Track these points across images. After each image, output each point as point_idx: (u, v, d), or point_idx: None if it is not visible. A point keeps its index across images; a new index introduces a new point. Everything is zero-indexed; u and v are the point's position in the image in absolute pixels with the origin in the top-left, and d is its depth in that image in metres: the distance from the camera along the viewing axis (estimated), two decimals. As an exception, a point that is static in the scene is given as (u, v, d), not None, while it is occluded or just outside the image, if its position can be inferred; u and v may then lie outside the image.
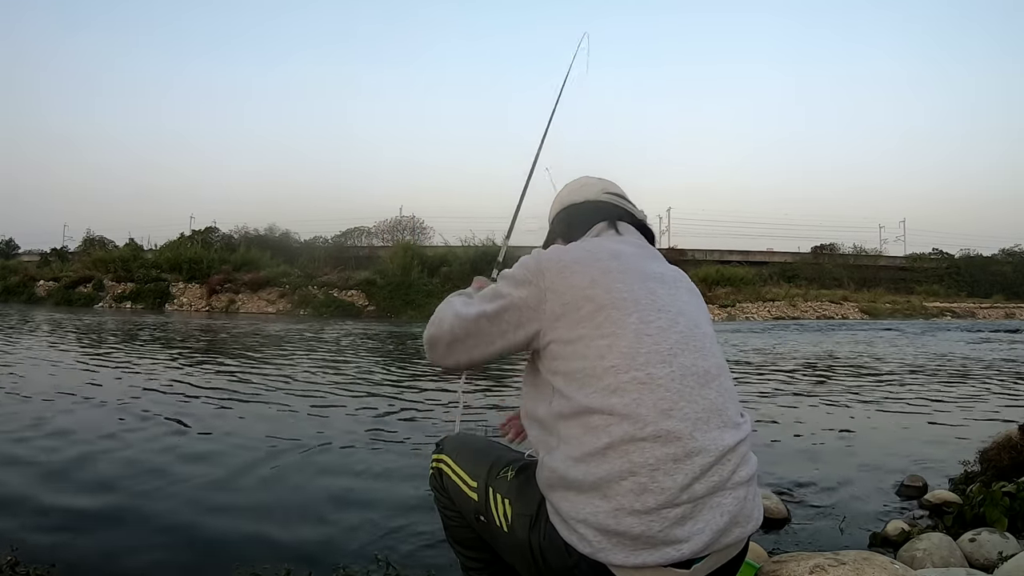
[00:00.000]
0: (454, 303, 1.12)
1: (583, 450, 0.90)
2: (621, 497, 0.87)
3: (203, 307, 21.33)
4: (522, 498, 1.05)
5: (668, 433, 0.88)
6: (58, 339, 8.87)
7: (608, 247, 1.08)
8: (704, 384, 0.94)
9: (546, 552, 0.97)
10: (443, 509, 1.23)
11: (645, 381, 0.91)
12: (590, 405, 0.91)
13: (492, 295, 1.05)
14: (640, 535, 0.86)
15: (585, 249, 1.06)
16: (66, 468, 2.67)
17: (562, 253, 1.05)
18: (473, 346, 1.05)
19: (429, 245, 26.96)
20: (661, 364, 0.92)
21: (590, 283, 0.98)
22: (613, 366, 0.92)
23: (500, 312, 1.02)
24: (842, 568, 0.92)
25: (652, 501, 0.86)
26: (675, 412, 0.89)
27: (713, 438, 0.91)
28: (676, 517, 0.86)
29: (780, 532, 2.18)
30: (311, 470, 2.79)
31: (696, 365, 0.95)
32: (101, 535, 1.99)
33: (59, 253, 31.16)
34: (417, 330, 12.78)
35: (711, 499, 0.88)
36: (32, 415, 3.66)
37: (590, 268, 1.00)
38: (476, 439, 1.27)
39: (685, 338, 0.97)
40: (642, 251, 1.12)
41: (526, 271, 1.03)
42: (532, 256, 1.05)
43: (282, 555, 1.85)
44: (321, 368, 6.42)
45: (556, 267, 1.01)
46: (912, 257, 34.42)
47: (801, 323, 18.85)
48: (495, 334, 1.03)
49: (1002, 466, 2.51)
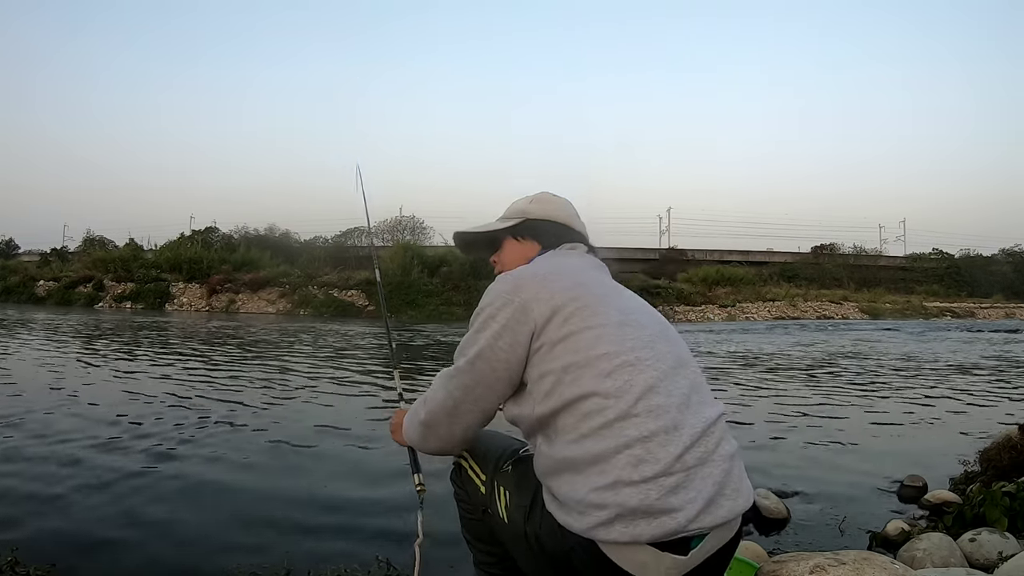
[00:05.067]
0: (433, 385, 1.14)
1: (579, 433, 0.94)
2: (619, 470, 0.90)
3: (203, 307, 21.32)
4: (519, 489, 1.08)
5: (658, 407, 0.94)
6: (57, 339, 8.87)
7: (575, 262, 1.17)
8: (680, 367, 1.02)
9: (542, 539, 1.00)
10: (460, 503, 1.26)
11: (634, 363, 0.97)
12: (584, 391, 0.95)
13: (475, 336, 1.06)
14: (638, 506, 0.88)
15: (554, 264, 1.13)
16: (66, 467, 2.67)
17: (536, 268, 1.11)
18: (484, 393, 1.06)
19: (429, 245, 26.94)
20: (644, 349, 1.00)
21: (572, 285, 1.05)
22: (605, 353, 0.97)
23: (493, 342, 1.03)
24: (842, 568, 0.92)
25: (649, 471, 0.89)
26: (661, 389, 0.96)
27: (695, 412, 0.97)
28: (671, 485, 0.89)
29: (780, 532, 2.18)
30: (312, 469, 2.79)
31: (671, 353, 1.03)
32: (101, 535, 1.99)
33: (59, 253, 31.16)
34: (417, 330, 12.77)
35: (700, 469, 0.93)
36: (26, 414, 3.66)
37: (566, 276, 1.08)
38: (492, 433, 1.28)
39: (660, 329, 1.07)
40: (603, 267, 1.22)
41: (501, 294, 1.05)
42: (502, 279, 1.09)
43: (282, 555, 1.84)
44: (323, 367, 6.43)
45: (533, 280, 1.06)
46: (912, 257, 34.43)
47: (801, 323, 18.84)
48: (499, 369, 1.03)
49: (1002, 466, 2.51)
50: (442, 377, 1.11)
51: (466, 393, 1.06)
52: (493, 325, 1.04)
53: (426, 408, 1.12)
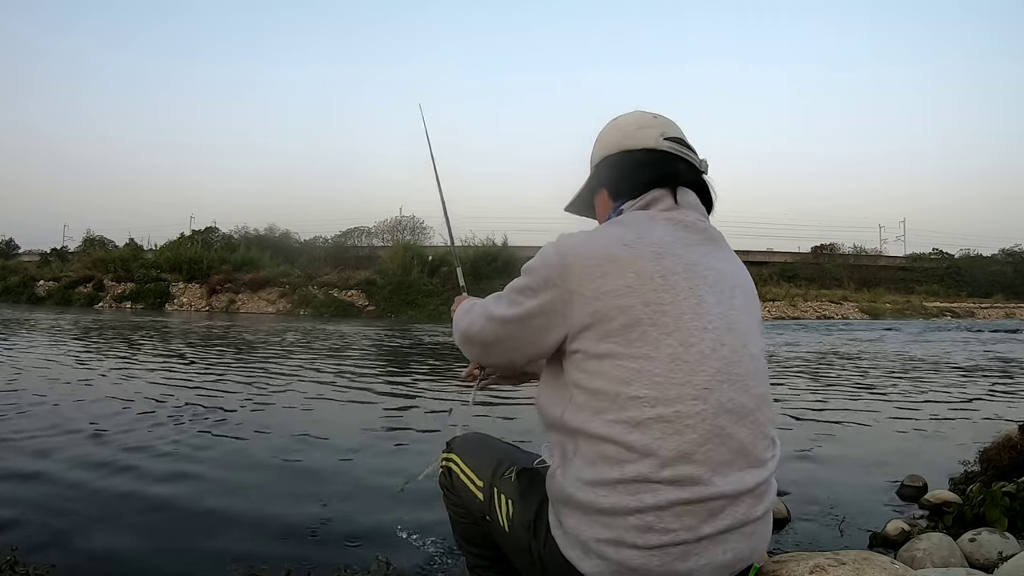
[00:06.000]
0: (485, 302, 1.06)
1: (593, 476, 0.85)
2: (624, 531, 0.83)
3: (203, 307, 21.32)
4: (523, 502, 1.04)
5: (686, 478, 0.82)
6: (54, 338, 8.87)
7: (654, 236, 0.90)
8: (737, 421, 0.85)
9: (546, 561, 0.97)
10: (451, 507, 1.23)
11: (671, 419, 0.82)
12: (607, 435, 0.83)
13: (515, 296, 0.95)
14: (639, 567, 0.83)
15: (623, 242, 0.88)
16: (65, 468, 2.67)
17: (593, 245, 0.89)
18: (511, 349, 1.00)
19: (429, 245, 26.94)
20: (693, 400, 0.83)
21: (625, 289, 0.85)
22: (640, 397, 0.82)
23: (526, 318, 0.93)
24: (842, 568, 0.92)
25: (655, 540, 0.82)
26: (698, 456, 0.82)
27: (733, 481, 0.84)
28: (678, 553, 0.83)
29: (780, 532, 2.18)
30: (311, 469, 2.79)
31: (733, 400, 0.85)
32: (101, 535, 1.99)
33: (59, 253, 31.18)
34: (417, 330, 12.78)
35: (718, 537, 0.84)
36: (25, 414, 3.66)
37: (626, 270, 0.85)
38: (485, 439, 1.27)
39: (728, 365, 0.86)
40: (696, 236, 0.95)
41: (548, 269, 0.90)
42: (553, 248, 0.91)
43: (282, 555, 1.84)
44: (323, 367, 6.43)
45: (583, 265, 0.87)
46: (912, 257, 34.46)
47: (801, 323, 18.84)
48: (526, 340, 0.95)
49: (1002, 466, 2.51)
50: (485, 308, 1.01)
51: (497, 340, 1.00)
52: (531, 300, 0.91)
53: (467, 324, 1.06)
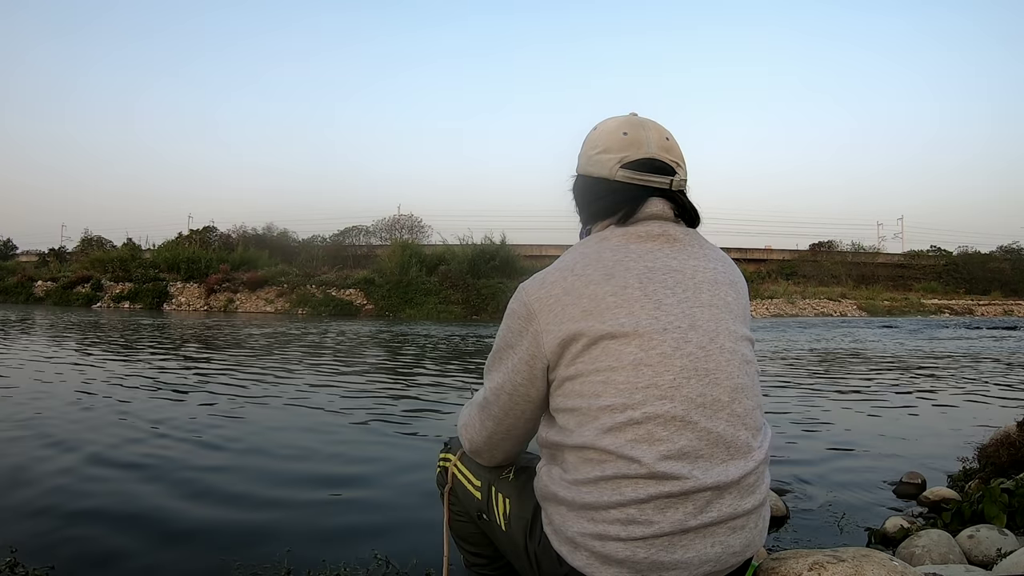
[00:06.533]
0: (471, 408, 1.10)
1: (576, 476, 0.89)
2: (608, 524, 0.85)
3: (201, 306, 21.30)
4: (520, 501, 1.06)
5: (664, 474, 0.83)
6: (49, 338, 8.85)
7: (603, 258, 0.93)
8: (712, 415, 0.86)
9: (540, 558, 0.98)
10: (449, 506, 1.25)
11: (641, 421, 0.84)
12: (585, 443, 0.87)
13: (495, 360, 1.00)
14: (625, 559, 0.84)
15: (573, 272, 0.92)
16: (65, 468, 2.67)
17: (547, 283, 0.93)
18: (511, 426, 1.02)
19: (427, 244, 26.93)
20: (661, 400, 0.85)
21: (582, 314, 0.88)
22: (609, 405, 0.85)
23: (512, 378, 0.96)
24: (841, 565, 0.92)
25: (639, 532, 0.84)
26: (674, 452, 0.84)
27: (715, 474, 0.85)
28: (663, 545, 0.84)
29: (779, 530, 2.18)
30: (309, 468, 2.79)
31: (704, 395, 0.86)
32: (101, 536, 1.98)
33: (57, 253, 31.12)
34: (417, 330, 12.77)
35: (705, 530, 0.85)
36: (23, 414, 3.66)
37: (581, 297, 0.89)
38: None
39: (694, 361, 0.87)
40: (652, 244, 0.94)
41: (517, 321, 0.95)
42: (516, 300, 0.96)
43: (282, 555, 1.84)
44: (321, 365, 6.43)
45: (543, 304, 0.92)
46: (910, 254, 34.55)
47: (799, 320, 18.87)
48: (520, 402, 0.98)
49: (1000, 463, 2.51)
50: (475, 406, 1.08)
51: (497, 424, 1.03)
52: (512, 357, 0.96)
53: (468, 437, 1.10)
